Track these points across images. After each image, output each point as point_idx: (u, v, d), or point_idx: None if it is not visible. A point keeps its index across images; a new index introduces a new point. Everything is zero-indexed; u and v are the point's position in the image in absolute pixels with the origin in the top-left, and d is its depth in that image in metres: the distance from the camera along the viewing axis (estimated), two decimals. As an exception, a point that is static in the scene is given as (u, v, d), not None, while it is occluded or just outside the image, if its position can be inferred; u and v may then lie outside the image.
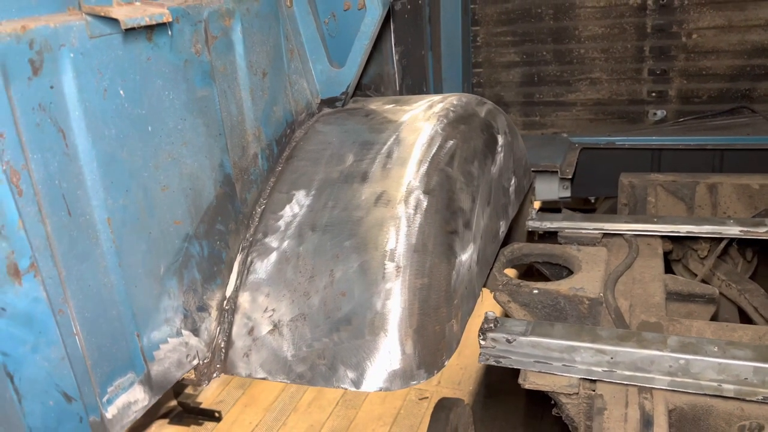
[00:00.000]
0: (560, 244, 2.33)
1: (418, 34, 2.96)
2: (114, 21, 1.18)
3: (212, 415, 4.69)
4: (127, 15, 1.15)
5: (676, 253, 2.62)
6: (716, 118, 3.24)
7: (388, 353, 1.46)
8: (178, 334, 1.47)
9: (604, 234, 2.32)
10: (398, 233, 1.56)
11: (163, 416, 4.84)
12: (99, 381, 1.24)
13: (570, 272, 2.11)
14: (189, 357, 1.50)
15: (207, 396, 5.06)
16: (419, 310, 1.50)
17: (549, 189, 3.34)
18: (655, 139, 3.15)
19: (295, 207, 1.69)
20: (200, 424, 4.67)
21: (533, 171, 2.88)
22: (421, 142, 1.75)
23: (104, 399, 1.26)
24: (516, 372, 1.69)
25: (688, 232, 2.22)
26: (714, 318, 2.12)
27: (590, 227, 2.31)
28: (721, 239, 2.31)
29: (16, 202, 0.98)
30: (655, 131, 3.30)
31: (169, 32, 1.32)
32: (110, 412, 1.27)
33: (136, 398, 1.35)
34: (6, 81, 1.01)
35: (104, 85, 1.20)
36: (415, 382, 1.47)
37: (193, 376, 1.55)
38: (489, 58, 3.61)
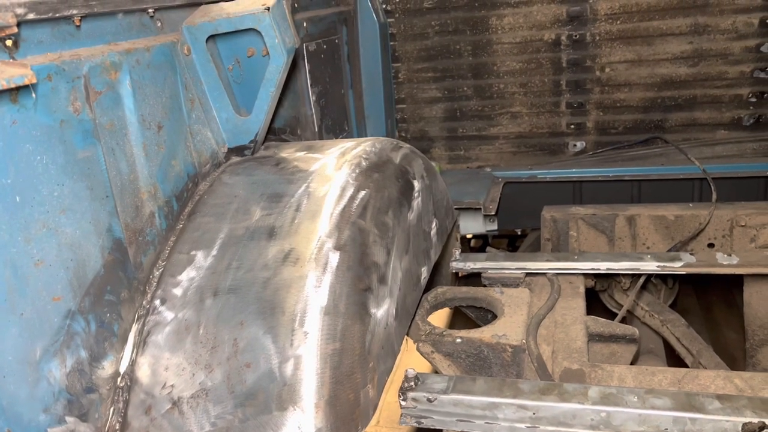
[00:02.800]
0: (484, 285, 2.29)
1: (336, 74, 2.90)
2: (-35, 84, 1.05)
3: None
4: (-21, 78, 1.03)
5: (600, 285, 2.63)
6: (632, 149, 3.33)
7: (299, 429, 1.35)
8: (61, 422, 1.31)
9: (527, 273, 2.29)
10: (307, 295, 1.46)
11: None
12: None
13: (494, 316, 2.07)
14: (75, 447, 1.35)
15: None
16: (331, 378, 1.40)
17: (474, 224, 3.33)
18: (575, 172, 3.20)
19: (196, 269, 1.57)
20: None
21: (457, 208, 2.86)
22: (332, 194, 1.67)
23: None
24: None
25: (608, 269, 2.22)
26: (637, 354, 2.11)
27: (513, 267, 2.28)
28: (640, 275, 2.33)
29: None
30: (575, 163, 3.36)
31: (36, 93, 1.19)
32: None
33: (7, 505, 1.19)
34: None
35: (-45, 155, 1.07)
36: (328, 458, 1.37)
37: (83, 466, 1.39)
38: (412, 94, 3.60)
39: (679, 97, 3.19)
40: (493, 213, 2.94)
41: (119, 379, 1.48)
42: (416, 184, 1.99)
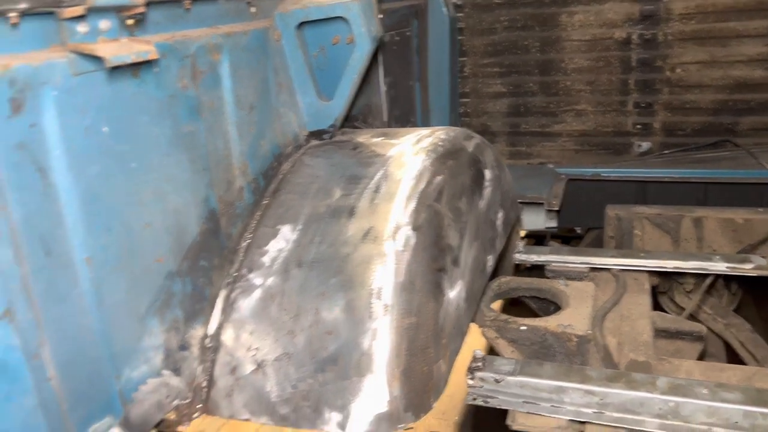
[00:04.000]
0: (547, 277, 2.31)
1: (406, 65, 2.97)
2: (98, 58, 1.16)
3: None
4: (113, 53, 1.14)
5: (662, 286, 2.62)
6: (700, 151, 3.28)
7: (375, 395, 1.43)
8: (159, 374, 1.42)
9: (591, 268, 2.31)
10: (386, 271, 1.53)
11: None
12: (75, 426, 1.20)
13: (557, 307, 2.10)
14: (169, 397, 1.46)
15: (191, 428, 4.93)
16: (407, 350, 1.47)
17: (535, 220, 3.34)
18: (641, 171, 3.17)
19: (281, 242, 1.67)
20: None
21: (520, 202, 2.89)
22: (409, 178, 1.74)
23: (79, 446, 1.21)
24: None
25: (675, 268, 2.22)
26: (702, 354, 2.11)
27: (577, 261, 2.30)
28: (707, 275, 2.31)
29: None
30: (640, 163, 3.33)
31: (156, 68, 1.30)
32: (83, 462, 1.23)
33: (112, 444, 1.30)
34: (-18, 122, 0.98)
35: (87, 122, 1.18)
36: (402, 426, 1.44)
37: (173, 416, 1.50)
38: (476, 89, 3.64)
39: (752, 100, 3.12)
40: (556, 209, 2.95)
41: (207, 340, 1.58)
42: (487, 174, 2.04)
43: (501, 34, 3.46)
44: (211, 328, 1.59)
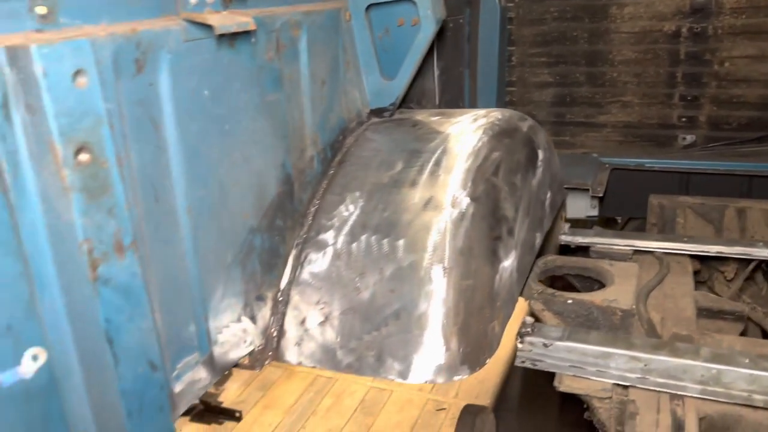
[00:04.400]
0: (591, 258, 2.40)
1: (456, 52, 3.07)
2: (205, 27, 1.30)
3: (233, 415, 4.77)
4: (220, 22, 1.27)
5: (702, 274, 2.68)
6: (745, 145, 3.30)
7: (434, 348, 1.55)
8: (238, 320, 1.56)
9: (635, 251, 2.39)
10: (446, 236, 1.65)
11: (185, 414, 4.91)
12: (170, 357, 1.34)
13: (601, 285, 2.19)
14: (246, 342, 1.60)
15: (228, 396, 5.15)
16: (464, 309, 1.58)
17: (577, 207, 3.42)
18: (685, 163, 3.22)
19: (347, 209, 1.79)
20: (220, 423, 4.75)
21: (565, 188, 2.97)
22: (467, 152, 1.85)
23: (173, 375, 1.36)
24: (531, 387, 1.76)
25: (718, 252, 2.29)
26: (742, 334, 2.17)
27: (622, 243, 2.39)
28: (749, 261, 2.37)
29: (124, 186, 1.09)
30: (684, 155, 3.37)
31: (253, 39, 1.43)
32: (177, 388, 1.37)
33: (199, 377, 1.44)
34: (116, 77, 1.12)
35: (193, 84, 1.32)
36: (458, 377, 1.56)
37: (247, 361, 1.65)
38: (523, 78, 3.71)
39: (801, 95, 3.14)
40: (600, 195, 3.02)
41: (279, 294, 1.72)
42: (540, 154, 2.14)
43: (550, 25, 3.53)
44: (283, 283, 1.73)
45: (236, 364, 1.61)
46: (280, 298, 1.72)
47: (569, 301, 2.02)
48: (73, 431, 1.11)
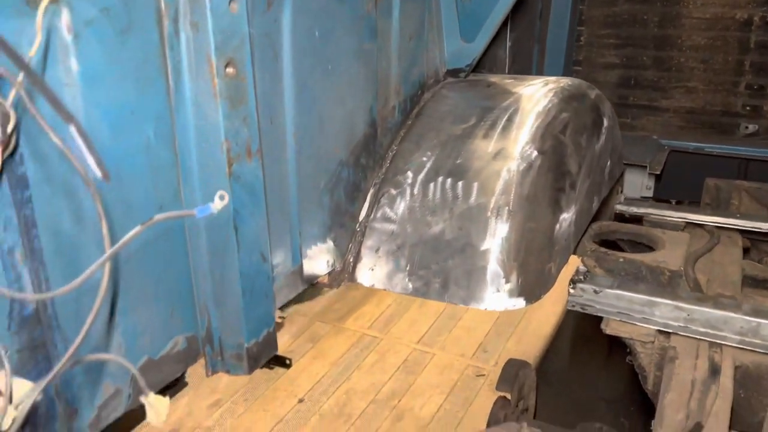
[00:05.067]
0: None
1: (529, 27, 3.20)
2: (323, -25, 1.49)
3: (283, 362, 5.07)
4: (336, -29, 1.46)
5: (752, 255, 2.76)
6: (809, 137, 3.34)
7: (495, 280, 1.73)
8: (324, 240, 1.78)
9: (687, 223, 2.49)
10: (513, 183, 1.82)
11: (239, 357, 5.25)
12: (270, 263, 1.56)
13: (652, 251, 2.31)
14: (329, 262, 1.81)
15: (279, 345, 5.46)
16: (525, 248, 1.75)
17: (633, 186, 3.52)
18: (744, 149, 3.28)
19: (423, 155, 1.98)
20: (271, 368, 5.07)
21: (625, 164, 3.08)
22: (538, 111, 2.00)
23: (272, 275, 1.58)
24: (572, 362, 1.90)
25: (769, 230, 2.37)
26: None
27: (675, 215, 2.50)
28: (800, 243, 2.45)
29: (255, 100, 1.30)
30: (743, 142, 3.42)
31: (358, -10, 1.62)
32: (275, 288, 1.59)
33: (292, 283, 1.66)
34: (251, 11, 1.33)
35: (308, 24, 1.52)
36: (514, 307, 1.73)
37: (326, 280, 1.86)
38: (589, 58, 3.81)
39: None
40: (657, 173, 3.12)
41: (357, 225, 1.93)
42: (605, 121, 2.27)
43: (621, 6, 3.60)
44: (362, 215, 1.93)
45: (316, 282, 1.83)
46: (359, 229, 1.93)
47: (621, 260, 2.16)
48: (196, 303, 1.34)
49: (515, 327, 1.97)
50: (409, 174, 1.95)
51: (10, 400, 0.70)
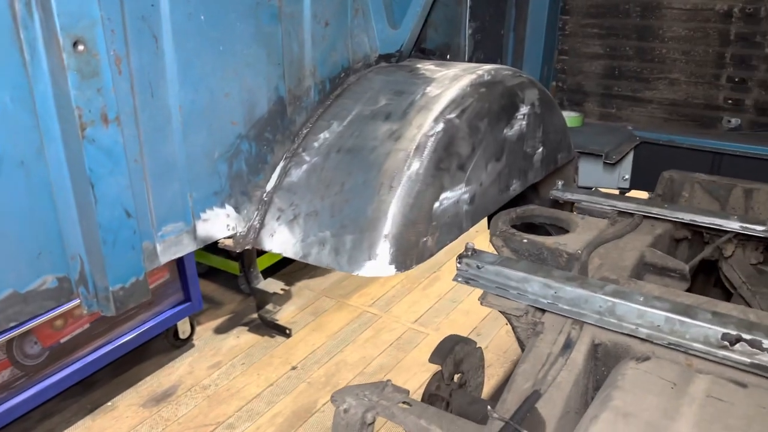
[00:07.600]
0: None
1: (499, 14, 3.26)
2: (203, -35, 1.66)
3: (284, 331, 5.37)
4: (210, -39, 1.63)
5: (694, 247, 2.75)
6: (790, 133, 3.25)
7: (371, 248, 1.87)
8: (222, 206, 1.97)
9: (618, 212, 2.54)
10: (399, 162, 1.95)
11: (244, 324, 5.58)
12: (157, 218, 1.76)
13: (571, 236, 2.38)
14: (229, 226, 2.00)
15: (283, 315, 5.75)
16: (401, 220, 1.88)
17: (610, 178, 3.53)
18: (716, 143, 3.23)
19: (329, 132, 2.13)
20: (272, 336, 5.37)
21: (579, 152, 3.11)
22: (441, 96, 2.11)
23: (159, 233, 1.79)
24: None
25: (691, 220, 2.39)
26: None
27: (605, 203, 2.54)
28: (749, 238, 2.44)
29: (113, 76, 1.50)
30: (723, 137, 3.36)
31: (243, -22, 1.79)
32: (161, 245, 1.80)
33: (182, 242, 1.87)
34: (121, -4, 1.52)
35: (190, 9, 1.70)
36: (386, 273, 1.87)
37: (230, 242, 2.06)
38: (575, 48, 3.81)
39: None
40: (612, 162, 3.14)
41: (264, 195, 2.11)
42: (522, 108, 2.35)
43: (604, -4, 3.60)
44: (269, 186, 2.11)
45: (217, 242, 2.03)
46: (265, 198, 2.10)
47: (524, 241, 2.25)
48: (66, 249, 1.56)
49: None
50: (314, 149, 2.11)
51: None
